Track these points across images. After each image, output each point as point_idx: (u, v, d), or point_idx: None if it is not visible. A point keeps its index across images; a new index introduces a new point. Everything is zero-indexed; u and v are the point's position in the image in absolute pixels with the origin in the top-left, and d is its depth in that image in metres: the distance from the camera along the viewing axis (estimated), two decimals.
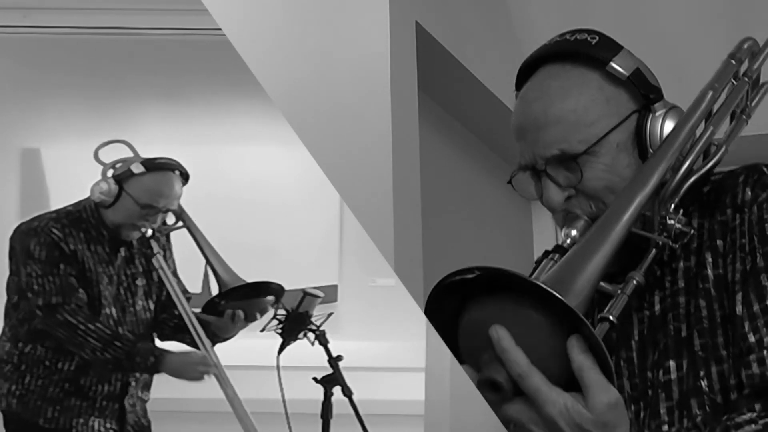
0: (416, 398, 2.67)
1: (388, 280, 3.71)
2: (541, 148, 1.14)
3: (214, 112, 3.99)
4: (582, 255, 1.00)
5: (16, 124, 3.95)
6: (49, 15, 3.90)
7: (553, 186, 1.14)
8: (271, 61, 2.36)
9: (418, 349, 2.73)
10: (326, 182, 2.26)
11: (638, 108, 1.15)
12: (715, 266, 1.10)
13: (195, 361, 2.32)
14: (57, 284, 2.29)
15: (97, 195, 2.37)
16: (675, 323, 1.11)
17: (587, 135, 1.12)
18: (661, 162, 1.10)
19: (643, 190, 1.07)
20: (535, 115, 1.15)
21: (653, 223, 1.09)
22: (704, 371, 1.07)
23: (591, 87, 1.15)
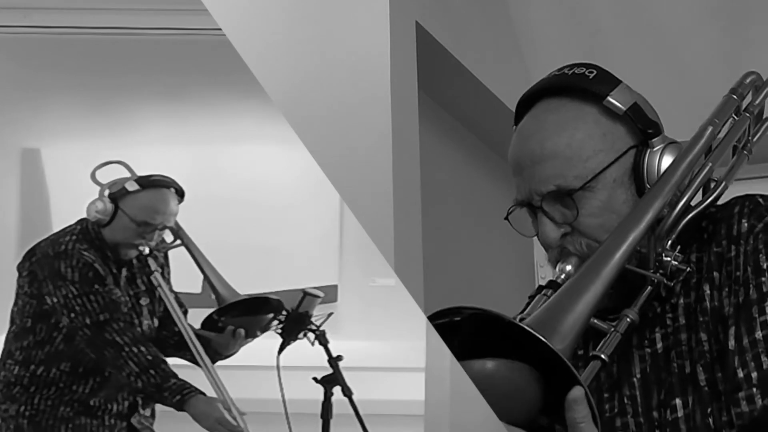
0: (416, 398, 2.67)
1: (388, 280, 3.71)
2: (537, 183, 1.13)
3: (214, 112, 3.99)
4: (572, 294, 0.99)
5: (16, 124, 3.95)
6: (49, 15, 3.90)
7: (549, 223, 1.12)
8: (271, 61, 2.36)
9: (418, 349, 2.72)
10: (326, 182, 2.26)
11: (636, 143, 1.14)
12: (712, 299, 1.09)
13: (216, 416, 2.29)
14: (101, 302, 2.29)
15: (93, 214, 2.37)
16: (678, 360, 1.09)
17: (583, 170, 1.11)
18: (657, 198, 1.08)
19: (637, 227, 1.05)
20: (531, 150, 1.14)
21: (649, 260, 1.07)
22: (711, 408, 1.06)
23: (587, 121, 1.14)
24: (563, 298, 0.99)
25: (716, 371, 1.06)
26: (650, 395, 1.12)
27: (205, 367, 2.32)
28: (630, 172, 1.13)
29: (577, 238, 1.12)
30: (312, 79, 2.35)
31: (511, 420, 0.90)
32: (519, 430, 0.92)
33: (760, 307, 1.03)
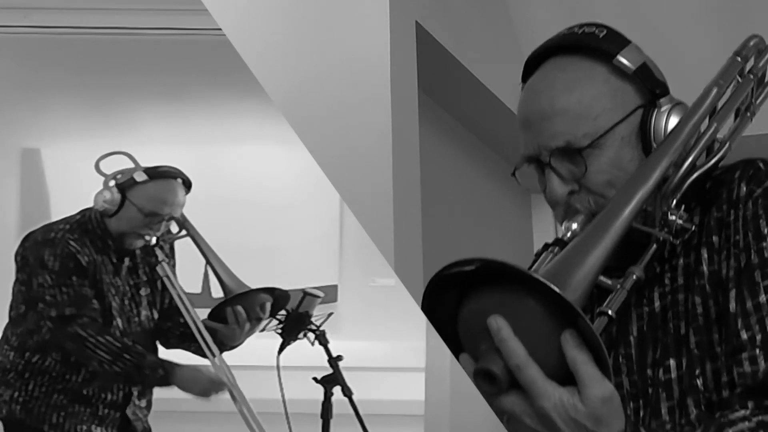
0: (416, 398, 2.67)
1: (388, 280, 3.71)
2: (546, 139, 1.13)
3: (214, 112, 3.99)
4: (581, 249, 0.99)
5: (16, 124, 3.95)
6: (49, 15, 3.90)
7: (556, 179, 1.13)
8: (271, 61, 2.37)
9: (418, 349, 2.73)
10: (326, 182, 2.26)
11: (644, 103, 1.15)
12: (710, 263, 1.10)
13: (205, 378, 2.31)
14: (71, 295, 2.29)
15: (101, 204, 2.37)
16: (674, 321, 1.11)
17: (592, 128, 1.12)
18: (664, 157, 1.09)
19: (645, 185, 1.06)
20: (541, 107, 1.15)
21: (654, 219, 1.08)
22: (699, 369, 1.07)
23: (597, 80, 1.15)
24: (573, 253, 1.00)
25: (709, 333, 1.07)
26: (645, 354, 1.13)
27: (213, 357, 2.32)
28: (637, 131, 1.14)
29: (585, 195, 1.13)
30: (312, 79, 2.35)
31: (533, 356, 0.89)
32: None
33: (762, 272, 1.04)
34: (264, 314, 2.42)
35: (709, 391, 1.06)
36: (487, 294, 0.93)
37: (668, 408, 1.09)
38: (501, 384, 0.89)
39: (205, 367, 2.35)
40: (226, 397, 2.30)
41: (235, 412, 2.28)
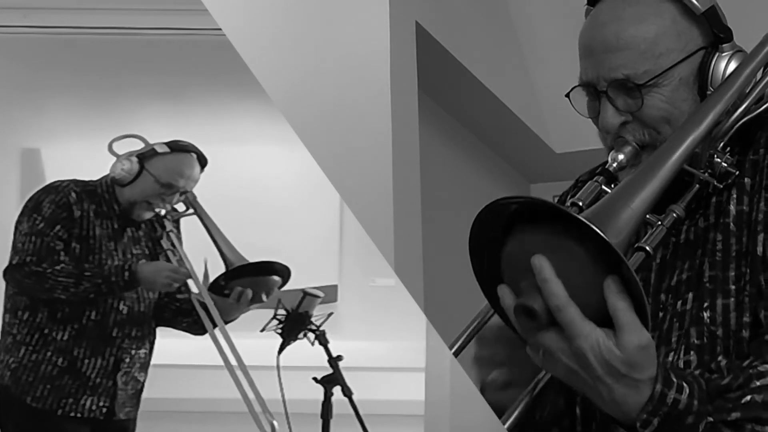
0: (416, 398, 2.67)
1: (388, 280, 3.71)
2: (607, 70, 1.14)
3: (214, 112, 3.99)
4: (630, 190, 1.01)
5: (16, 124, 3.95)
6: (49, 15, 3.90)
7: (611, 109, 1.14)
8: (271, 61, 2.37)
9: (418, 349, 2.73)
10: (326, 182, 2.26)
11: (706, 45, 1.15)
12: (739, 202, 1.11)
13: (166, 267, 2.36)
14: (37, 245, 2.31)
15: (119, 171, 2.40)
16: (702, 258, 1.12)
17: (654, 65, 1.12)
18: (718, 103, 1.10)
19: (696, 130, 1.07)
20: (605, 37, 1.14)
21: (700, 160, 1.10)
22: (709, 302, 1.08)
23: (665, 18, 1.14)
24: (622, 193, 1.01)
25: (725, 270, 1.09)
26: (663, 279, 1.15)
27: (214, 328, 2.33)
28: (696, 72, 1.14)
29: (638, 127, 1.14)
30: (312, 79, 2.35)
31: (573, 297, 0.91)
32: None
33: None
34: (267, 298, 2.44)
35: (715, 326, 1.07)
36: (532, 232, 0.94)
37: (677, 337, 1.10)
38: (540, 321, 0.91)
39: (164, 262, 2.40)
40: (226, 397, 2.30)
41: (235, 412, 2.28)
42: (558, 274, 0.91)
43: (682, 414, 0.95)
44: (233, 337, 2.55)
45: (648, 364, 0.93)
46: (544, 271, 0.91)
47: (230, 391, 2.34)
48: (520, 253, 0.94)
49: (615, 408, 0.95)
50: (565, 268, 0.91)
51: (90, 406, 2.35)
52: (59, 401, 2.33)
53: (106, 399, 2.37)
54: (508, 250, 0.97)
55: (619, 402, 0.94)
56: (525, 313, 0.92)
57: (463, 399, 2.45)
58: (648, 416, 0.94)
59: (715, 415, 0.97)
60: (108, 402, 2.38)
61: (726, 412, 0.97)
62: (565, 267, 0.91)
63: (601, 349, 0.91)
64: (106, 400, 2.37)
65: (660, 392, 0.94)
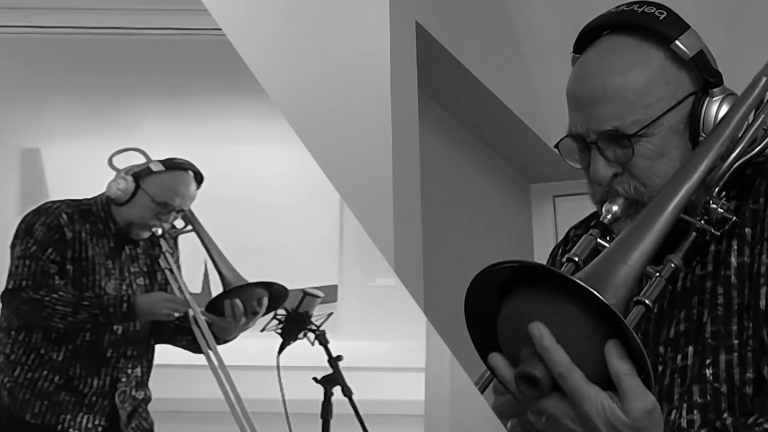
0: (416, 398, 2.67)
1: (388, 280, 3.71)
2: (596, 122, 1.13)
3: (214, 112, 3.99)
4: (626, 245, 1.00)
5: (16, 124, 3.95)
6: (49, 15, 3.90)
7: (602, 160, 1.13)
8: (271, 61, 2.36)
9: (418, 349, 2.72)
10: (326, 182, 2.26)
11: (696, 90, 1.14)
12: (740, 254, 1.09)
13: (164, 299, 2.36)
14: (31, 269, 2.31)
15: (114, 191, 2.40)
16: (699, 308, 1.10)
17: (643, 115, 1.11)
18: (711, 151, 1.09)
19: (691, 179, 1.06)
20: (593, 88, 1.13)
21: (696, 207, 1.08)
22: (711, 359, 1.07)
23: (653, 66, 1.13)
24: (618, 250, 1.00)
25: (728, 324, 1.07)
26: (661, 330, 1.13)
27: (209, 348, 2.33)
28: (686, 118, 1.13)
29: (627, 179, 1.13)
30: (312, 79, 2.35)
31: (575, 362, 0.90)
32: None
33: None
34: (260, 308, 2.44)
35: (719, 382, 1.06)
36: (528, 296, 0.93)
37: (679, 394, 1.09)
38: (543, 389, 0.91)
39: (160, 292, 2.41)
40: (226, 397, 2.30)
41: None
42: (557, 336, 0.90)
43: None
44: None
45: (654, 428, 0.92)
46: (544, 340, 0.89)
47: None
48: (517, 318, 0.93)
49: None
50: (563, 329, 0.90)
51: (86, 425, 2.35)
52: (57, 417, 2.33)
53: (101, 418, 2.37)
54: (504, 316, 0.96)
55: None
56: (527, 381, 0.91)
57: (463, 399, 2.45)
58: None
59: None
60: (104, 421, 2.38)
61: None
62: (563, 329, 0.90)
63: (607, 414, 0.90)
64: (102, 419, 2.37)
65: None
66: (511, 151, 3.48)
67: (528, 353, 0.91)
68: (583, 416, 0.91)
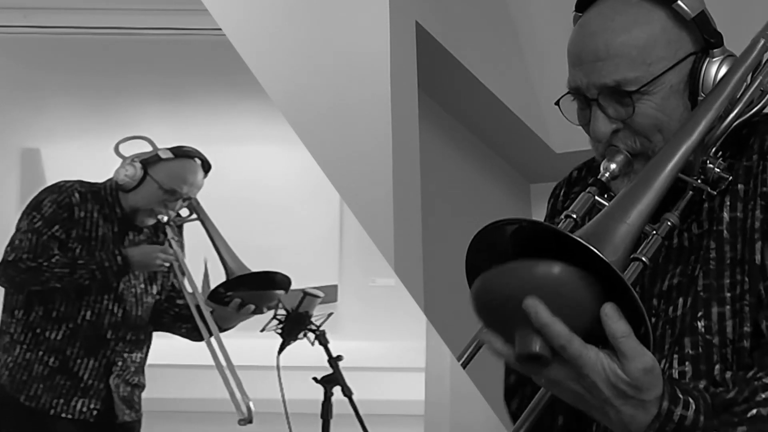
0: (416, 398, 2.68)
1: (388, 280, 3.71)
2: (597, 77, 1.13)
3: (214, 112, 4.00)
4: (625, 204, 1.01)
5: (16, 124, 3.96)
6: (49, 15, 3.90)
7: (602, 116, 1.13)
8: (271, 61, 2.37)
9: (418, 349, 2.73)
10: (326, 182, 2.26)
11: (696, 50, 1.15)
12: (732, 209, 1.11)
13: (156, 249, 2.37)
14: (33, 242, 2.31)
15: (122, 177, 2.40)
16: (694, 264, 1.12)
17: (644, 73, 1.12)
18: (709, 111, 1.10)
19: (689, 139, 1.07)
20: (595, 46, 1.14)
21: (693, 167, 1.10)
22: (703, 312, 1.08)
23: (654, 25, 1.14)
24: (617, 209, 1.01)
25: (720, 278, 1.09)
26: (654, 284, 1.14)
27: (210, 336, 2.33)
28: (686, 78, 1.14)
29: (629, 135, 1.13)
30: (312, 79, 2.35)
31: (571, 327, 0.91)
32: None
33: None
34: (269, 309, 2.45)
35: (711, 334, 1.07)
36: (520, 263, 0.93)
37: (670, 344, 1.10)
38: (546, 361, 0.92)
39: (153, 245, 2.42)
40: (226, 397, 2.30)
41: (234, 412, 2.28)
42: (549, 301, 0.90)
43: (689, 430, 0.95)
44: (233, 337, 2.55)
45: (654, 385, 0.94)
46: (540, 316, 0.90)
47: (225, 391, 2.34)
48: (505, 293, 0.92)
49: (623, 428, 0.96)
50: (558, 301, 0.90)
51: (81, 408, 2.35)
52: (51, 401, 2.33)
53: (97, 401, 2.37)
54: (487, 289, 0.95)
55: (627, 423, 0.95)
56: (528, 359, 0.92)
57: (463, 399, 2.45)
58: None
59: (722, 429, 0.97)
60: (99, 405, 2.37)
61: (732, 426, 0.97)
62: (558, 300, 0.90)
63: (608, 374, 0.92)
64: (98, 403, 2.37)
65: (667, 409, 0.95)
66: (511, 151, 3.48)
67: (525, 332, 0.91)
68: (585, 378, 0.93)
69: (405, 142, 2.35)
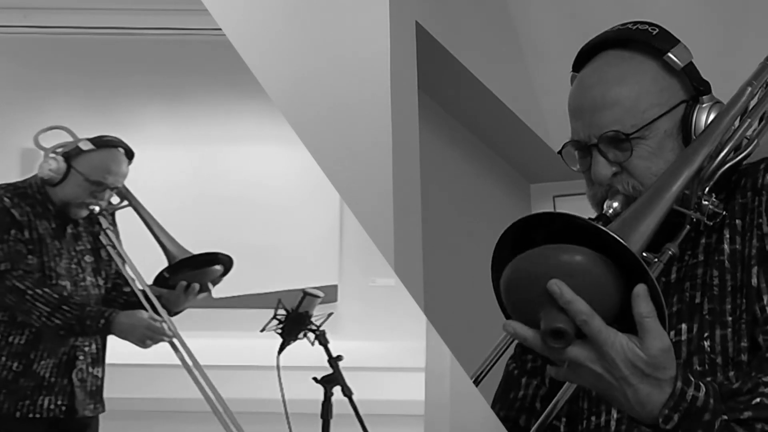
0: (416, 398, 2.67)
1: (388, 280, 3.72)
2: (597, 128, 1.23)
3: (214, 112, 3.99)
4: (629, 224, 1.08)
5: (16, 124, 3.95)
6: (49, 15, 3.90)
7: (603, 161, 1.23)
8: (271, 61, 2.36)
9: (418, 349, 2.73)
10: (326, 182, 2.26)
11: (687, 98, 1.25)
12: (731, 242, 1.20)
13: (144, 324, 2.35)
14: (5, 251, 2.32)
15: (46, 172, 2.40)
16: (691, 291, 1.21)
17: (639, 120, 1.22)
18: (705, 145, 1.19)
19: (689, 167, 1.15)
20: (593, 98, 1.24)
21: (690, 202, 1.18)
22: (709, 333, 1.17)
23: (647, 75, 1.24)
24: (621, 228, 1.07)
25: (722, 303, 1.18)
26: None
27: (161, 319, 2.34)
28: (679, 124, 1.24)
29: (626, 178, 1.23)
30: (312, 79, 2.35)
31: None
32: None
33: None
34: (213, 287, 2.46)
35: (715, 354, 1.16)
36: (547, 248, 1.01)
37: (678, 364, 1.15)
38: (570, 337, 0.99)
39: (142, 312, 2.38)
40: (227, 397, 2.30)
41: (234, 412, 2.28)
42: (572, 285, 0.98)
43: (700, 411, 1.01)
44: (233, 337, 2.56)
45: (669, 364, 1.01)
46: (565, 294, 0.97)
47: (232, 392, 2.34)
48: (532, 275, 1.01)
49: (639, 407, 1.01)
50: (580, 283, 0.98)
51: (48, 406, 2.36)
52: (16, 404, 2.33)
53: (63, 397, 2.38)
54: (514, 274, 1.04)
55: (643, 401, 1.01)
56: (554, 335, 0.99)
57: (463, 399, 2.45)
58: (669, 412, 1.01)
59: (729, 414, 1.03)
60: (66, 400, 2.38)
61: (738, 411, 1.04)
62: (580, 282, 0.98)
63: (626, 352, 0.99)
64: (64, 399, 2.38)
65: (680, 389, 1.01)
66: (511, 151, 3.48)
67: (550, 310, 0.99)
68: (605, 356, 0.99)
69: (405, 142, 2.35)
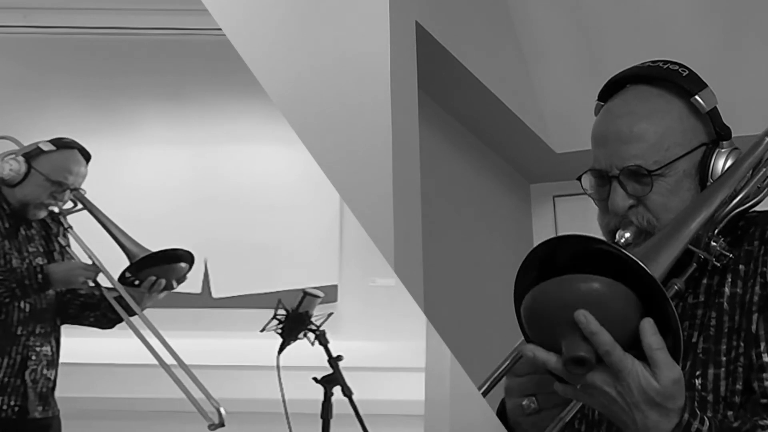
0: (416, 398, 2.67)
1: (388, 280, 3.71)
2: (619, 159, 1.27)
3: (214, 112, 3.99)
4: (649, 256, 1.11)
5: (16, 124, 3.95)
6: (49, 15, 3.90)
7: (621, 192, 1.27)
8: (271, 61, 2.36)
9: (418, 349, 2.72)
10: (326, 182, 2.26)
11: (708, 141, 1.30)
12: (733, 285, 1.24)
13: (79, 266, 2.38)
14: None
15: (7, 172, 2.41)
16: (689, 330, 1.25)
17: (662, 157, 1.26)
18: (723, 189, 1.25)
19: (707, 209, 1.21)
20: (619, 129, 1.28)
21: (700, 241, 1.23)
22: (701, 371, 1.22)
23: (674, 114, 1.29)
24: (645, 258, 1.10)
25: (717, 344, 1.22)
26: None
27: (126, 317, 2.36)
28: (698, 165, 1.29)
29: (642, 212, 1.28)
30: (312, 79, 2.35)
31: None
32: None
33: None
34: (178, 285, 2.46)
35: (706, 392, 1.21)
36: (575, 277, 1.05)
37: None
38: (591, 366, 1.04)
39: (75, 260, 2.42)
40: (227, 397, 2.30)
41: (233, 412, 2.28)
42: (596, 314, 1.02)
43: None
44: (233, 338, 2.56)
45: (679, 395, 1.07)
46: (590, 325, 1.03)
47: (232, 392, 2.34)
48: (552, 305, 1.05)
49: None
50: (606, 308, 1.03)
51: (1, 406, 2.35)
52: None
53: (17, 398, 2.37)
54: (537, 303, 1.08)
55: (650, 427, 1.07)
56: (576, 362, 1.04)
57: (463, 399, 2.45)
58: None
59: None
60: (19, 401, 2.37)
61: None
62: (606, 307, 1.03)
63: (641, 380, 1.04)
64: (17, 399, 2.37)
65: (687, 421, 1.07)
66: (511, 151, 3.48)
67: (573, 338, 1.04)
68: (621, 382, 1.05)
69: (405, 142, 2.35)
